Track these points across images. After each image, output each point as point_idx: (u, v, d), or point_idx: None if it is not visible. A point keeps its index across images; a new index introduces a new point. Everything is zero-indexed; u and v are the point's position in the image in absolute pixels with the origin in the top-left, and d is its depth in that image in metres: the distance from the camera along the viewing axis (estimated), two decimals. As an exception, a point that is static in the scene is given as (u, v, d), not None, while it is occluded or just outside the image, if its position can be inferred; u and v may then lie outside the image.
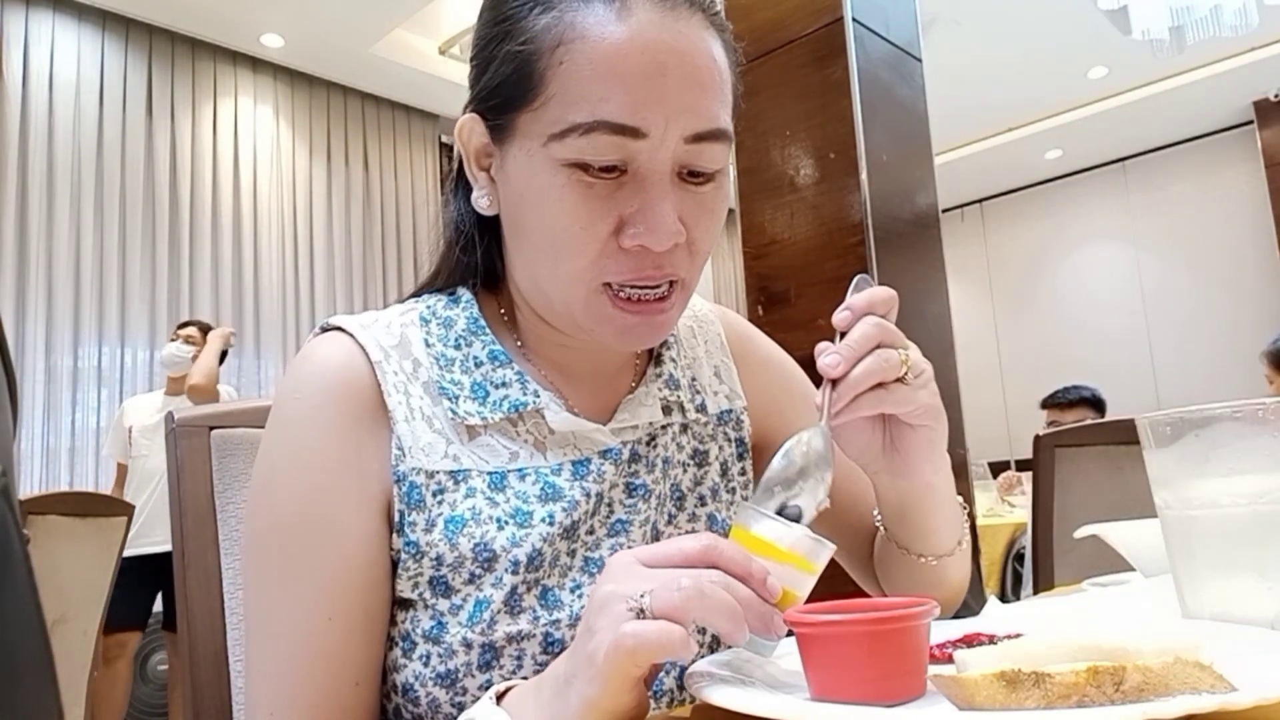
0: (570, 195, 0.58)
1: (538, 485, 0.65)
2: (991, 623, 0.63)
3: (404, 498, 0.62)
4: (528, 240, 0.63)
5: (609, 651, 0.44)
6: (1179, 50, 4.07)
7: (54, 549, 1.97)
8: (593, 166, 0.58)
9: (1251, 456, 0.54)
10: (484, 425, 0.65)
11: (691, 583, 0.45)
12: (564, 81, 0.57)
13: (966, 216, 7.63)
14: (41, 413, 3.95)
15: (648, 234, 0.58)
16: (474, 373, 0.67)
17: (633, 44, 0.56)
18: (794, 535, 0.53)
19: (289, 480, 0.62)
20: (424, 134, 5.55)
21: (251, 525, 0.64)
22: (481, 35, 0.64)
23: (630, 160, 0.58)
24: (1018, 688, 0.39)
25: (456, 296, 0.71)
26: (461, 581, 0.62)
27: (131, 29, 4.46)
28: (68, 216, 4.13)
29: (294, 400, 0.64)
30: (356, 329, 0.66)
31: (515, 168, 0.61)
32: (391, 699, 0.65)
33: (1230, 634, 0.48)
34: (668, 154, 0.58)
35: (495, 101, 0.62)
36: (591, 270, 0.60)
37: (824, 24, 1.95)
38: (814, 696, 0.47)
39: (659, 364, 0.74)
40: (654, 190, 0.58)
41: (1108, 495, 1.53)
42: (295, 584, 0.60)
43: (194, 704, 0.72)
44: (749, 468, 0.79)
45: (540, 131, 0.58)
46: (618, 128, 0.56)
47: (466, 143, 0.66)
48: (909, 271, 2.05)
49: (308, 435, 0.62)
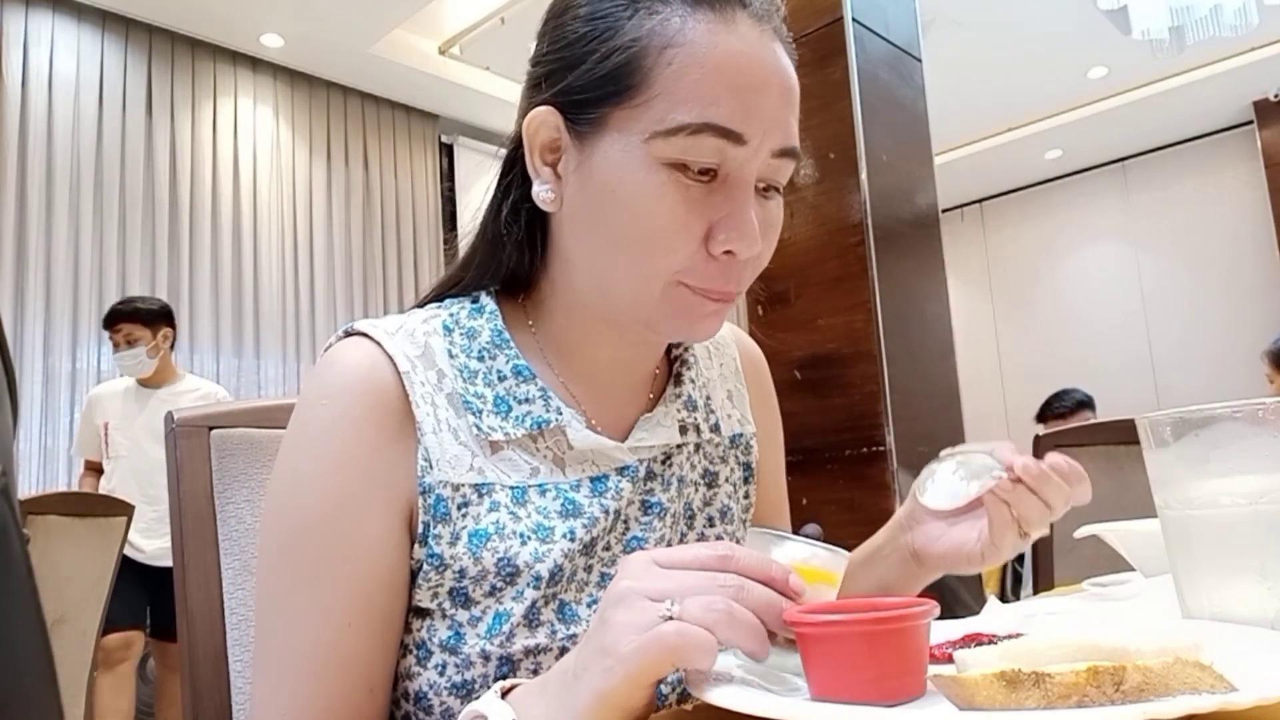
0: (670, 194, 0.60)
1: (558, 501, 0.65)
2: (991, 623, 0.63)
3: (429, 509, 0.62)
4: (609, 235, 0.63)
5: (644, 646, 0.44)
6: (1179, 50, 4.07)
7: (54, 549, 1.98)
8: (691, 169, 0.60)
9: (1251, 456, 0.54)
10: (506, 440, 0.65)
11: (725, 605, 0.45)
12: (671, 82, 0.59)
13: (966, 216, 7.63)
14: (40, 414, 3.95)
15: (737, 240, 0.60)
16: (497, 386, 0.67)
17: (743, 56, 0.60)
18: (813, 551, 0.53)
19: (314, 485, 0.61)
20: (424, 134, 5.55)
21: (272, 529, 0.64)
22: (570, 31, 0.64)
23: (725, 166, 0.60)
24: (1018, 688, 0.39)
25: (480, 305, 0.71)
26: (482, 594, 0.62)
27: (131, 29, 4.46)
28: (67, 216, 4.13)
29: (320, 405, 0.63)
30: (383, 336, 0.65)
31: (607, 162, 0.62)
32: (402, 706, 0.65)
33: (1230, 634, 0.48)
34: (758, 165, 0.61)
35: (587, 96, 0.62)
36: (680, 270, 0.62)
37: (824, 24, 1.95)
38: (814, 696, 0.47)
39: (678, 384, 0.75)
40: (743, 198, 0.61)
41: (1108, 495, 1.53)
42: (315, 589, 0.60)
43: (194, 704, 0.72)
44: (753, 493, 0.80)
45: (642, 128, 0.60)
46: (724, 132, 0.59)
47: (534, 136, 0.65)
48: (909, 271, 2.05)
49: (334, 440, 0.62)
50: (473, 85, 5.15)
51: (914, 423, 1.96)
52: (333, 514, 0.61)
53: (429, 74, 5.07)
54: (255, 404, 0.82)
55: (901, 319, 1.98)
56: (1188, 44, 4.00)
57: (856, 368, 1.95)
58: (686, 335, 0.67)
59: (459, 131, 5.60)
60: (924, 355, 2.05)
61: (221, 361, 4.59)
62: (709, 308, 0.64)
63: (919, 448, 1.96)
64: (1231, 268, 6.39)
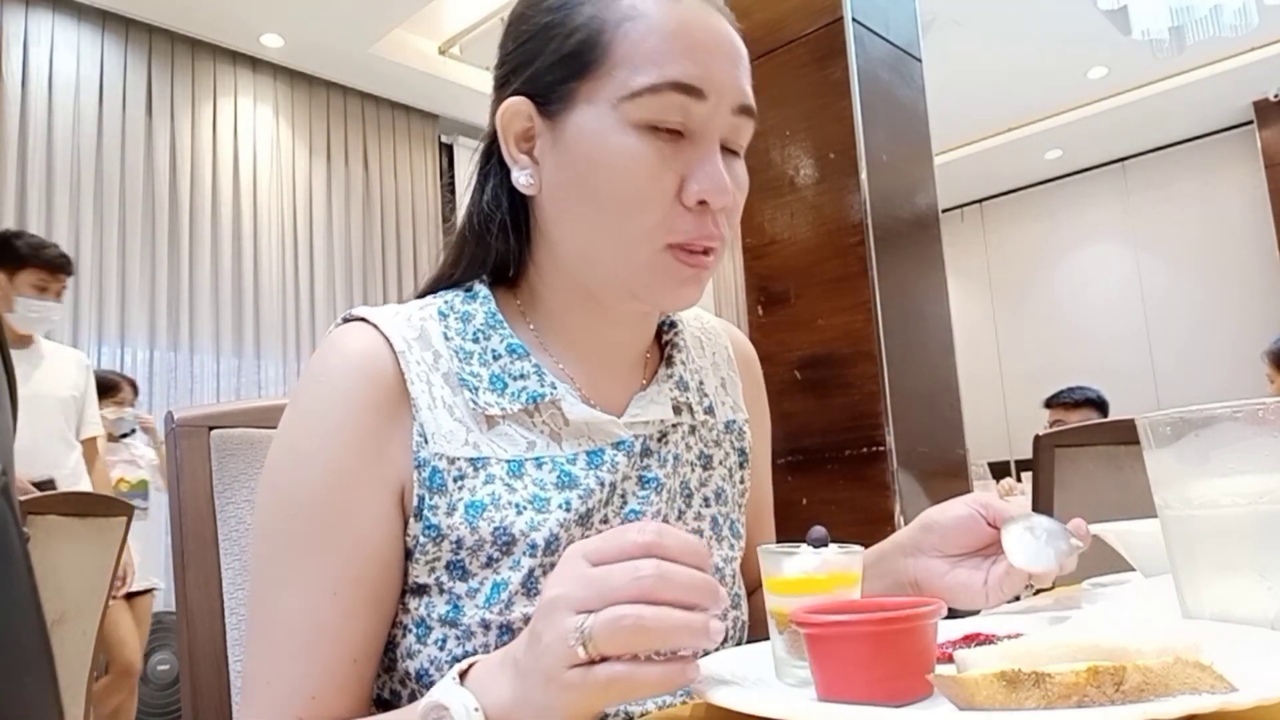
0: (642, 152, 0.64)
1: (554, 473, 0.67)
2: (991, 623, 0.63)
3: (425, 483, 0.64)
4: (589, 202, 0.67)
5: (577, 701, 0.46)
6: (1179, 50, 4.07)
7: (54, 549, 1.97)
8: (659, 127, 0.64)
9: (1251, 456, 0.54)
10: (502, 415, 0.68)
11: (634, 618, 0.44)
12: (631, 50, 0.65)
13: (966, 216, 7.63)
14: (41, 413, 3.94)
15: (709, 188, 0.65)
16: (492, 365, 0.69)
17: (694, 22, 0.66)
18: (824, 559, 0.53)
19: (308, 461, 0.63)
20: (424, 134, 5.55)
21: (267, 503, 0.65)
22: (531, 26, 0.69)
23: (689, 123, 0.65)
24: (1018, 688, 0.39)
25: (473, 292, 0.74)
26: (479, 565, 0.64)
27: (131, 29, 4.45)
28: (67, 217, 4.12)
29: (318, 383, 0.66)
30: (380, 320, 0.68)
31: (580, 133, 0.66)
32: (406, 685, 0.66)
33: (1230, 634, 0.48)
34: (720, 121, 0.66)
35: (553, 77, 0.67)
36: (660, 228, 0.65)
37: (824, 24, 1.95)
38: (820, 696, 0.47)
39: (669, 365, 0.77)
40: (710, 151, 0.66)
41: (1108, 495, 1.53)
42: (305, 560, 0.62)
43: (194, 704, 0.72)
44: (748, 478, 0.82)
45: (609, 95, 0.65)
46: (685, 88, 0.64)
47: (507, 127, 0.70)
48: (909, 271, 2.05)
49: (330, 419, 0.64)
50: (473, 85, 5.15)
51: (914, 423, 1.96)
52: (326, 488, 0.63)
53: (429, 74, 5.07)
54: (255, 404, 0.82)
55: (901, 319, 1.98)
56: (1188, 44, 4.00)
57: (856, 368, 1.95)
58: (670, 301, 0.69)
59: (459, 131, 5.60)
60: (924, 355, 2.05)
61: (221, 361, 4.59)
62: (688, 272, 0.66)
63: (919, 448, 1.96)
64: (1231, 267, 6.39)
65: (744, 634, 0.78)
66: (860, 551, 0.55)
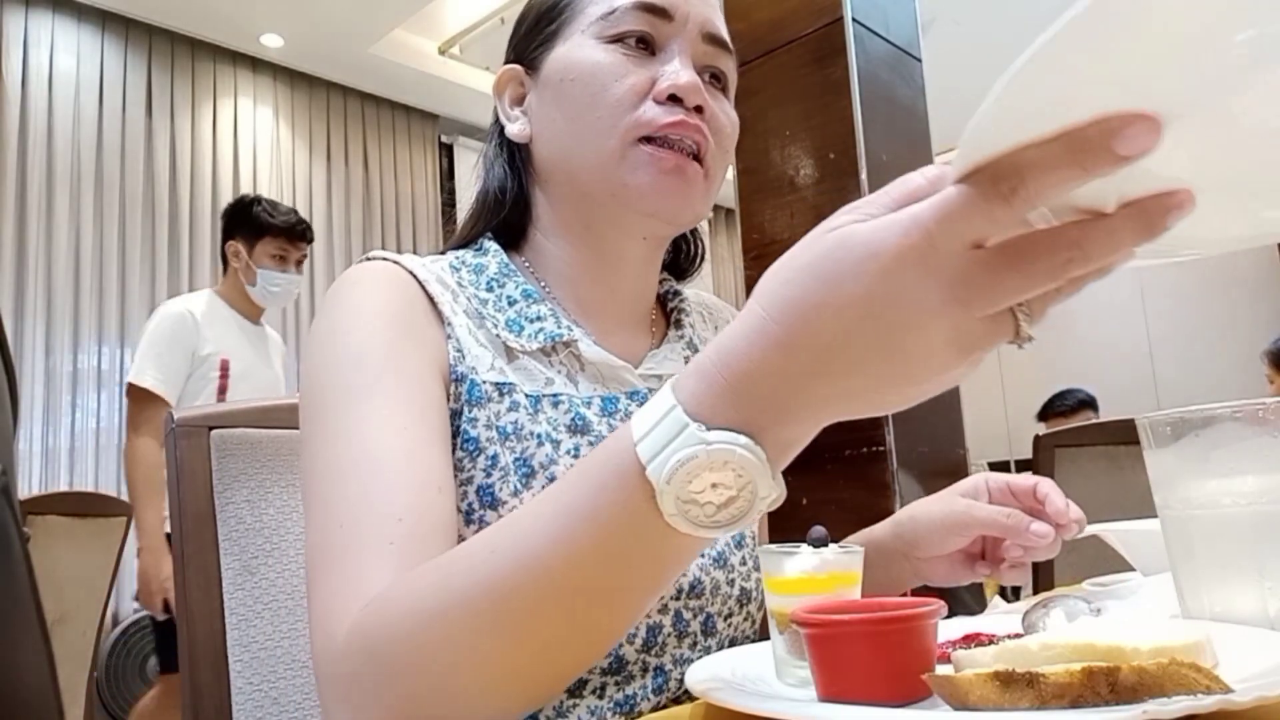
0: (613, 59, 0.69)
1: (569, 415, 0.68)
2: (991, 623, 0.63)
3: (464, 395, 0.65)
4: (568, 114, 0.70)
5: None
6: (1179, 50, 4.06)
7: (54, 549, 1.98)
8: (628, 40, 0.69)
9: (1251, 456, 0.54)
10: (523, 351, 0.69)
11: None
12: None
13: (966, 216, 7.62)
14: (41, 414, 3.94)
15: (679, 84, 0.68)
16: (508, 310, 0.71)
17: None
18: (824, 559, 0.53)
19: (357, 336, 0.63)
20: (424, 134, 5.54)
21: (314, 366, 0.63)
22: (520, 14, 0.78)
23: (659, 39, 0.70)
24: (1011, 688, 0.39)
25: (483, 248, 0.76)
26: (508, 493, 0.64)
27: (131, 29, 4.45)
28: (67, 217, 4.12)
29: (351, 288, 0.66)
30: (399, 258, 0.69)
31: (558, 61, 0.72)
32: None
33: (1230, 634, 0.48)
34: (691, 39, 0.71)
35: (532, 34, 0.75)
36: (632, 122, 0.68)
37: (824, 24, 1.95)
38: (821, 697, 0.47)
39: (679, 327, 0.80)
40: (681, 58, 0.70)
41: (1108, 495, 1.53)
42: (363, 405, 0.59)
43: (194, 704, 0.72)
44: None
45: (582, 25, 0.71)
46: (648, 6, 0.69)
47: (502, 93, 0.77)
48: (909, 271, 2.05)
49: (372, 305, 0.65)
50: (473, 85, 5.15)
51: (914, 423, 1.95)
52: (372, 346, 0.62)
53: (429, 74, 5.07)
54: (255, 404, 0.82)
55: (901, 319, 1.98)
56: (1188, 44, 3.99)
57: (856, 368, 1.94)
58: (654, 198, 0.68)
59: (459, 131, 5.59)
60: (924, 355, 2.05)
61: (222, 361, 4.58)
62: (667, 162, 0.67)
63: (919, 448, 1.96)
64: (1231, 267, 6.38)
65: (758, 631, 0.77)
66: (860, 551, 0.55)
